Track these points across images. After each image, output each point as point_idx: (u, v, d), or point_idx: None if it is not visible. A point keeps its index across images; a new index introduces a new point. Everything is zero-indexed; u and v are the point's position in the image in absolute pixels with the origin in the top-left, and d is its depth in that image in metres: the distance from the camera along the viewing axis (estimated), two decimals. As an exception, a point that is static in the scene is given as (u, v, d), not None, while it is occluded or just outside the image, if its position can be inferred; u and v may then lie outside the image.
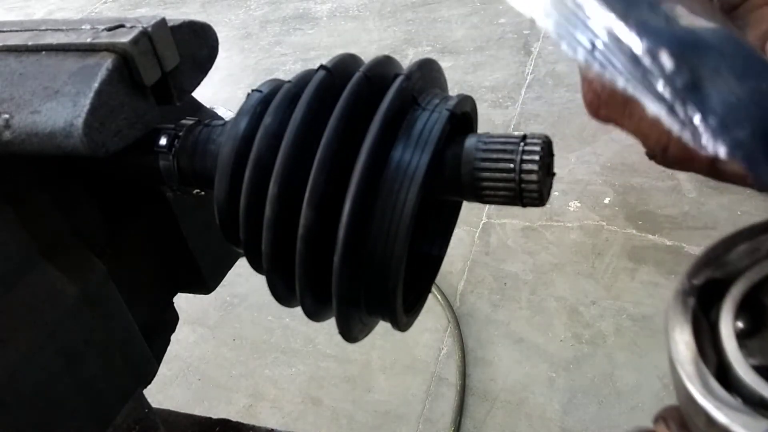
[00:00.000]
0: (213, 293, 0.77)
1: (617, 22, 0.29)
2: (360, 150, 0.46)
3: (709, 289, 0.35)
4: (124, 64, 0.51)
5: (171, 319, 0.76)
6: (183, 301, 0.78)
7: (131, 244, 0.67)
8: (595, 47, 0.30)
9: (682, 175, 2.01)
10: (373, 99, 0.48)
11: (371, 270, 0.48)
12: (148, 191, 0.68)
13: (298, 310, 0.54)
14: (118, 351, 0.61)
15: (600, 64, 0.30)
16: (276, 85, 0.55)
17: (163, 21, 0.53)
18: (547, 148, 0.46)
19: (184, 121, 0.58)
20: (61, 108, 0.49)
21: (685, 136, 0.28)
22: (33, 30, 0.56)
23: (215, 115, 0.70)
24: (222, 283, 0.79)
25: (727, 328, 0.33)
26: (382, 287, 0.49)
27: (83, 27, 0.54)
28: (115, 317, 0.61)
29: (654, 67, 0.29)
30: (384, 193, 0.47)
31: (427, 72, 0.52)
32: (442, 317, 1.76)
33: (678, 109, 0.28)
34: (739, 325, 0.34)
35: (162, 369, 0.70)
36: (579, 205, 2.01)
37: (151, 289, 0.72)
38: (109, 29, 0.53)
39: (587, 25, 0.30)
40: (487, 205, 0.97)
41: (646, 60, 0.29)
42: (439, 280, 1.86)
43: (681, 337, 0.34)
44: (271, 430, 0.71)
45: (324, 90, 0.50)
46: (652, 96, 0.29)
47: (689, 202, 1.93)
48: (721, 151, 0.28)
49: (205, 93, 0.64)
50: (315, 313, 0.54)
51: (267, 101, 0.53)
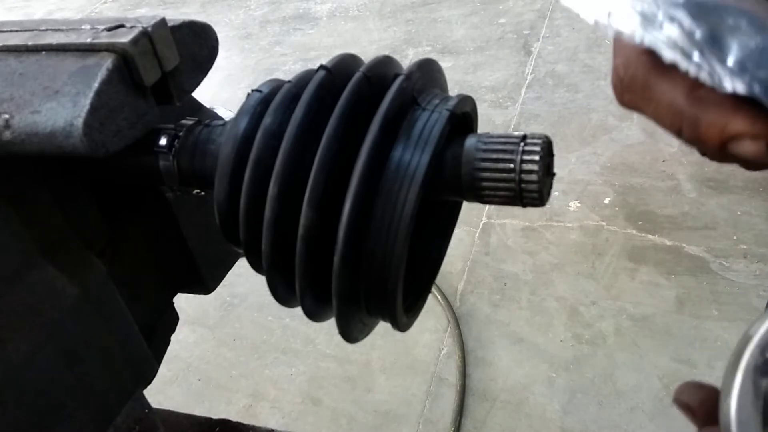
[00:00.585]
0: (213, 293, 0.77)
1: None
2: (360, 150, 0.46)
3: None
4: (124, 64, 0.51)
5: (171, 320, 0.76)
6: (183, 301, 0.78)
7: (131, 244, 0.67)
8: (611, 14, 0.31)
9: (682, 175, 2.01)
10: (373, 99, 0.48)
11: (371, 270, 0.48)
12: (148, 191, 0.68)
13: (298, 311, 0.54)
14: (118, 351, 0.61)
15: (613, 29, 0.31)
16: (276, 85, 0.55)
17: (163, 21, 0.53)
18: (547, 148, 0.46)
19: (184, 122, 0.58)
20: (61, 108, 0.49)
21: (703, 77, 0.29)
22: (33, 30, 0.56)
23: (215, 116, 0.70)
24: (222, 283, 0.79)
25: None
26: (382, 287, 0.49)
27: (83, 27, 0.54)
28: (115, 317, 0.61)
29: (672, 27, 0.30)
30: (384, 193, 0.47)
31: (427, 72, 0.52)
32: (442, 317, 1.76)
33: (696, 56, 0.29)
34: None
35: (162, 369, 0.70)
36: (579, 205, 2.01)
37: (151, 289, 0.72)
38: (109, 29, 0.53)
39: None
40: (487, 206, 0.97)
41: (663, 21, 0.30)
42: (439, 280, 1.86)
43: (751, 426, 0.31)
44: (271, 430, 0.71)
45: (324, 90, 0.50)
46: (670, 46, 0.30)
47: (689, 202, 1.93)
48: (739, 88, 0.29)
49: (205, 93, 0.64)
50: (315, 313, 0.54)
51: (267, 101, 0.53)
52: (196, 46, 0.57)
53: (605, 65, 2.56)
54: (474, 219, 2.03)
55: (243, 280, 1.95)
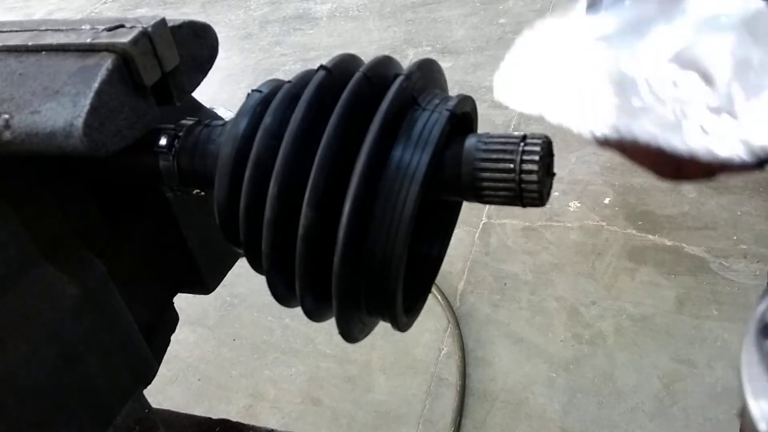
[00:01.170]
0: (213, 293, 0.77)
1: None
2: (360, 150, 0.46)
3: None
4: (124, 64, 0.51)
5: (171, 320, 0.76)
6: (183, 302, 0.78)
7: (131, 245, 0.67)
8: None
9: (682, 175, 2.01)
10: (373, 99, 0.48)
11: (371, 270, 0.48)
12: (148, 191, 0.68)
13: (298, 311, 0.54)
14: (118, 351, 0.61)
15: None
16: (276, 86, 0.55)
17: (163, 21, 0.53)
18: (547, 148, 0.46)
19: (184, 122, 0.58)
20: (61, 108, 0.49)
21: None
22: (33, 30, 0.56)
23: (215, 116, 0.70)
24: (222, 283, 0.79)
25: None
26: (382, 287, 0.49)
27: (83, 27, 0.54)
28: (115, 317, 0.61)
29: None
30: (384, 193, 0.47)
31: (427, 72, 0.52)
32: (442, 317, 1.76)
33: None
34: None
35: (162, 369, 0.70)
36: (579, 205, 2.01)
37: (151, 289, 0.71)
38: (109, 29, 0.52)
39: None
40: (487, 206, 0.97)
41: None
42: (439, 280, 1.86)
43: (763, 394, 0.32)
44: (271, 430, 0.71)
45: (324, 90, 0.50)
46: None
47: (689, 202, 1.93)
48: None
49: (205, 93, 0.64)
50: (315, 313, 0.54)
51: (267, 101, 0.53)
52: (196, 46, 0.57)
53: (605, 65, 2.55)
54: (474, 219, 2.03)
55: (243, 280, 1.95)
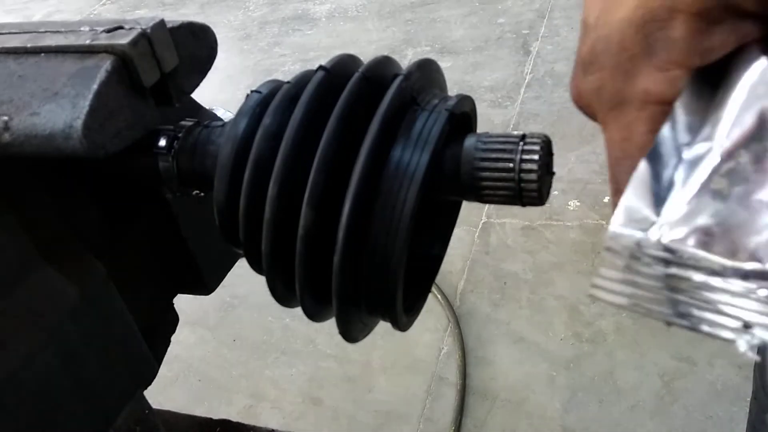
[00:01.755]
0: (213, 294, 0.77)
1: None
2: (359, 150, 0.46)
3: None
4: (123, 65, 0.51)
5: (171, 320, 0.76)
6: (183, 302, 0.78)
7: (131, 246, 0.67)
8: None
9: (682, 173, 2.01)
10: (372, 99, 0.48)
11: (371, 270, 0.48)
12: (147, 192, 0.68)
13: (298, 311, 0.54)
14: (119, 352, 0.61)
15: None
16: (275, 86, 0.55)
17: (161, 22, 0.53)
18: (546, 147, 0.46)
19: (183, 123, 0.58)
20: (60, 110, 0.49)
21: None
22: (32, 32, 0.56)
23: (214, 116, 0.70)
24: (222, 283, 0.79)
25: None
26: (382, 287, 0.49)
27: (82, 29, 0.54)
28: (115, 318, 0.61)
29: None
30: (384, 193, 0.47)
31: (427, 72, 0.52)
32: (443, 317, 1.76)
33: None
34: None
35: (162, 370, 0.70)
36: (579, 204, 2.01)
37: (151, 290, 0.71)
38: (108, 31, 0.53)
39: None
40: (487, 205, 0.97)
41: None
42: (439, 279, 1.86)
43: None
44: (272, 430, 0.71)
45: (323, 90, 0.50)
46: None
47: (689, 200, 1.92)
48: None
49: (204, 94, 0.64)
50: (315, 314, 0.54)
51: (266, 102, 0.53)
52: (195, 47, 0.57)
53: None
54: (474, 218, 2.03)
55: (243, 281, 1.95)
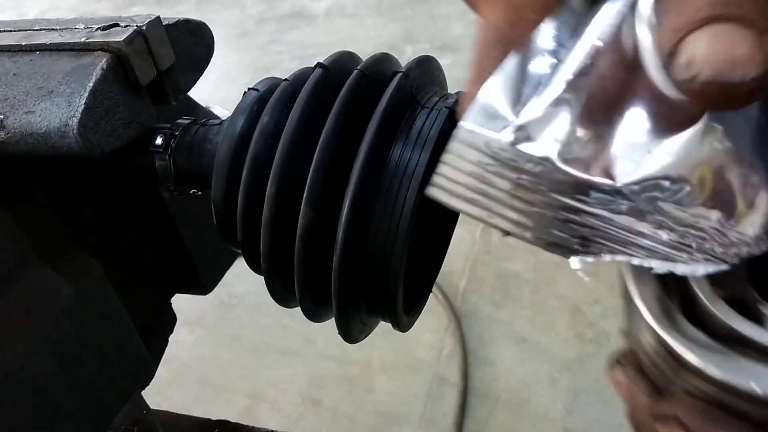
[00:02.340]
0: (211, 294, 0.77)
1: None
2: (359, 148, 0.46)
3: None
4: (118, 63, 0.50)
5: (168, 320, 0.76)
6: (181, 302, 0.77)
7: (128, 245, 0.67)
8: None
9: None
10: (371, 97, 0.48)
11: (371, 270, 0.48)
12: (144, 191, 0.67)
13: (298, 311, 0.54)
14: (116, 352, 0.61)
15: None
16: (273, 84, 0.55)
17: (157, 20, 0.52)
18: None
19: (180, 121, 0.57)
20: (56, 108, 0.49)
21: None
22: (27, 30, 0.56)
23: (211, 114, 0.70)
24: (220, 283, 0.78)
25: None
26: (382, 287, 0.48)
27: (77, 26, 0.54)
28: (112, 318, 0.61)
29: None
30: (384, 192, 0.46)
31: (426, 69, 0.52)
32: (444, 317, 1.75)
33: None
34: None
35: (160, 370, 0.70)
36: (579, 203, 2.00)
37: (148, 289, 0.71)
38: (104, 28, 0.52)
39: None
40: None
41: None
42: (440, 279, 1.85)
43: (642, 270, 0.31)
44: (271, 431, 0.70)
45: (321, 88, 0.50)
46: None
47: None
48: None
49: (201, 92, 0.63)
50: (315, 314, 0.54)
51: (264, 100, 0.53)
52: (192, 44, 0.57)
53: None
54: (474, 218, 2.02)
55: (241, 280, 1.95)
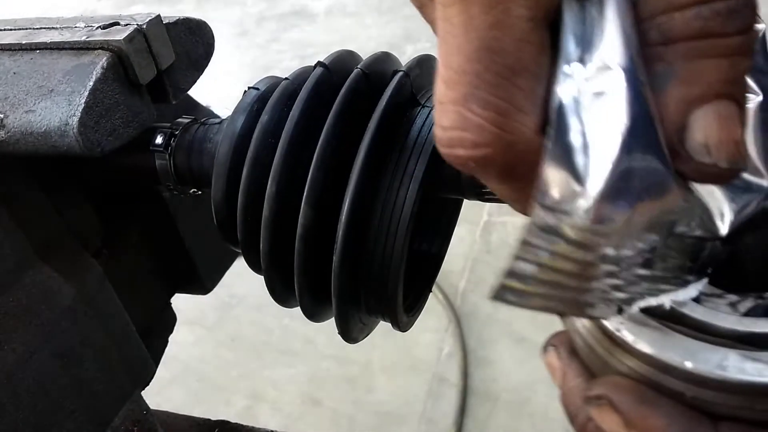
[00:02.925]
0: (211, 293, 0.77)
1: None
2: (359, 148, 0.46)
3: None
4: (119, 62, 0.50)
5: (168, 320, 0.76)
6: (181, 302, 0.77)
7: (128, 245, 0.67)
8: None
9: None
10: (371, 96, 0.48)
11: (371, 269, 0.48)
12: (144, 191, 0.67)
13: (298, 310, 0.54)
14: (116, 352, 0.61)
15: None
16: (273, 83, 0.55)
17: (158, 18, 0.52)
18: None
19: (180, 120, 0.57)
20: (56, 107, 0.49)
21: None
22: (27, 28, 0.56)
23: (211, 114, 0.70)
24: (220, 283, 0.78)
25: None
26: (382, 287, 0.48)
27: (78, 25, 0.54)
28: (112, 318, 0.61)
29: None
30: (384, 192, 0.46)
31: (427, 69, 0.52)
32: (443, 317, 1.75)
33: None
34: None
35: (160, 370, 0.70)
36: (579, 203, 2.00)
37: (148, 289, 0.71)
38: (104, 27, 0.52)
39: None
40: (488, 203, 0.96)
41: None
42: (440, 279, 1.85)
43: None
44: (271, 431, 0.70)
45: (322, 87, 0.50)
46: None
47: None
48: None
49: (201, 91, 0.63)
50: (314, 313, 0.54)
51: (264, 99, 0.53)
52: (192, 43, 0.56)
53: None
54: (475, 217, 2.02)
55: (241, 280, 1.94)
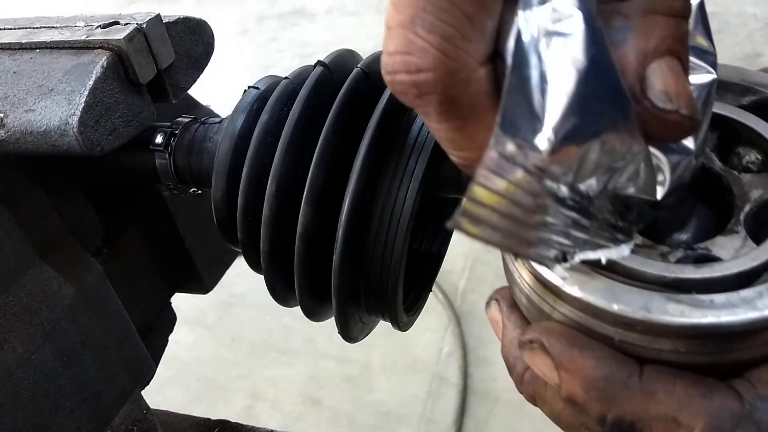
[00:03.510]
0: (211, 293, 0.77)
1: None
2: (359, 147, 0.46)
3: None
4: (119, 61, 0.50)
5: (168, 320, 0.76)
6: (181, 301, 0.77)
7: (128, 244, 0.67)
8: None
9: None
10: (371, 95, 0.48)
11: (371, 269, 0.48)
12: (144, 190, 0.67)
13: (298, 310, 0.54)
14: (116, 351, 0.61)
15: None
16: (273, 82, 0.55)
17: (158, 17, 0.52)
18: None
19: (180, 119, 0.57)
20: (56, 106, 0.49)
21: None
22: (27, 28, 0.56)
23: (211, 113, 0.70)
24: (220, 282, 0.78)
25: None
26: (382, 286, 0.48)
27: (77, 24, 0.54)
28: (112, 317, 0.61)
29: None
30: (384, 191, 0.46)
31: (427, 68, 0.52)
32: (443, 316, 1.75)
33: None
34: None
35: (160, 370, 0.70)
36: (579, 202, 2.00)
37: (148, 288, 0.71)
38: (104, 26, 0.52)
39: None
40: (487, 203, 0.96)
41: None
42: (440, 278, 1.85)
43: None
44: (271, 431, 0.70)
45: (322, 86, 0.50)
46: None
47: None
48: None
49: (201, 90, 0.63)
50: (314, 313, 0.54)
51: (264, 98, 0.53)
52: (192, 42, 0.56)
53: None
54: (473, 217, 2.02)
55: (241, 280, 1.94)
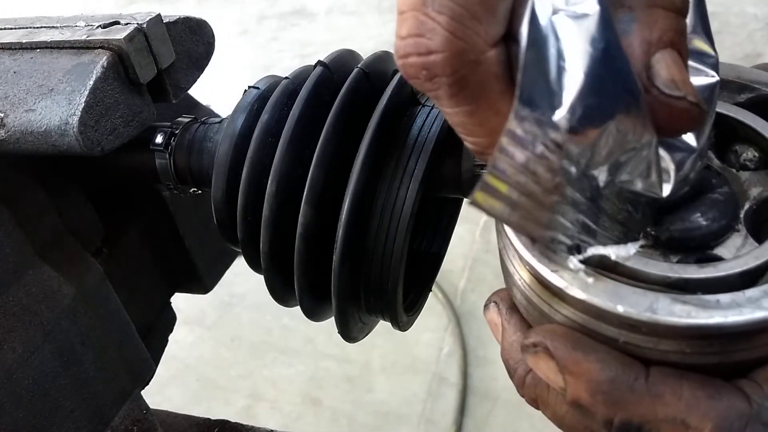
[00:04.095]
0: (211, 293, 0.77)
1: None
2: (359, 147, 0.46)
3: None
4: (119, 61, 0.50)
5: (168, 319, 0.76)
6: (180, 301, 0.77)
7: (127, 244, 0.67)
8: None
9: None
10: (371, 95, 0.48)
11: (371, 268, 0.48)
12: (144, 190, 0.67)
13: (297, 310, 0.54)
14: (115, 351, 0.61)
15: None
16: (273, 82, 0.55)
17: (158, 17, 0.52)
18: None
19: (180, 119, 0.57)
20: (56, 106, 0.49)
21: None
22: (27, 27, 0.56)
23: (212, 113, 0.70)
24: (220, 282, 0.78)
25: None
26: (382, 286, 0.48)
27: (78, 24, 0.54)
28: (112, 317, 0.61)
29: None
30: (384, 191, 0.46)
31: (427, 68, 0.52)
32: (443, 316, 1.75)
33: None
34: None
35: (160, 370, 0.70)
36: (579, 202, 2.00)
37: (148, 288, 0.71)
38: (104, 26, 0.52)
39: None
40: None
41: None
42: (439, 278, 1.85)
43: None
44: (271, 431, 0.70)
45: (322, 86, 0.50)
46: None
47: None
48: None
49: (201, 90, 0.63)
50: (314, 313, 0.54)
51: (264, 98, 0.53)
52: (192, 42, 0.56)
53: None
54: (475, 216, 2.02)
55: (241, 279, 1.94)
